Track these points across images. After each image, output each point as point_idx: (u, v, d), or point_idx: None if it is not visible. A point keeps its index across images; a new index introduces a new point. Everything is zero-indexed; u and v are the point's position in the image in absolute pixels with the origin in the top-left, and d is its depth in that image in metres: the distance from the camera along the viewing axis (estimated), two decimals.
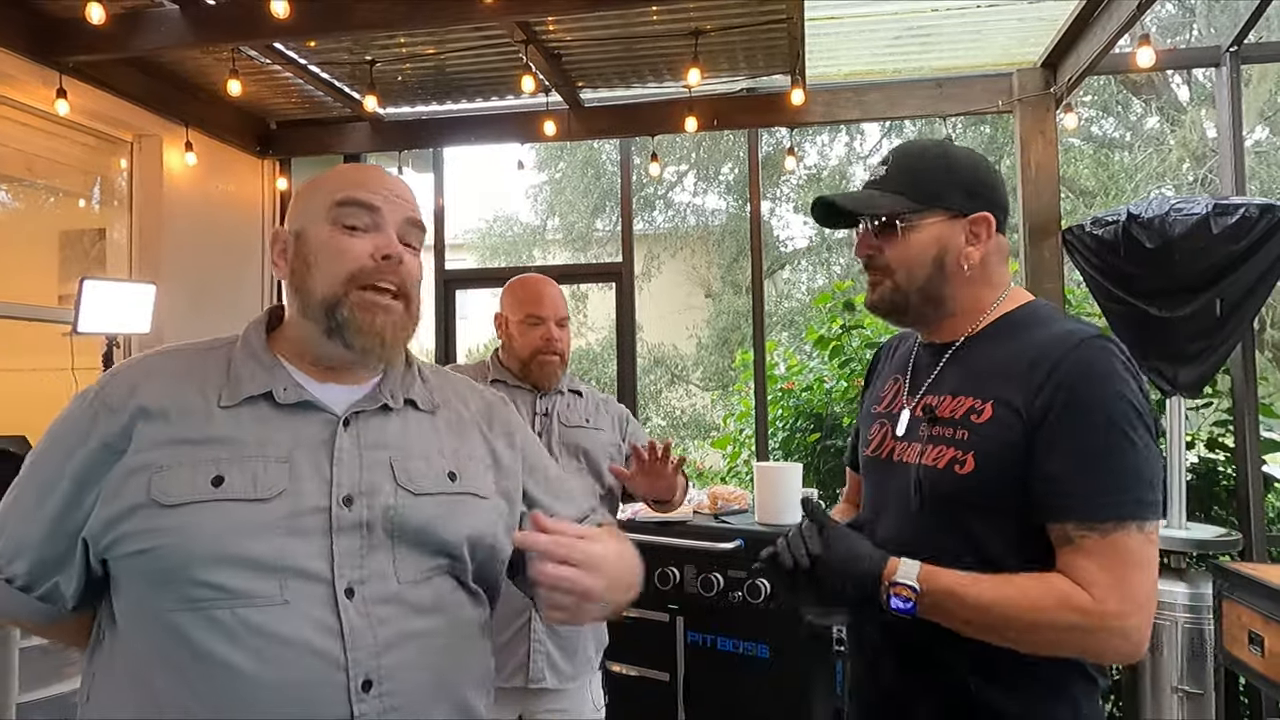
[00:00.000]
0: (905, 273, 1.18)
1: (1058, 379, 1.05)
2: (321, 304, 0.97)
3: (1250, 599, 2.31)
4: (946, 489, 1.11)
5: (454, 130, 4.00)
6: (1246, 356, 3.22)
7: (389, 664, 0.89)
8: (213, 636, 0.85)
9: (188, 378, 0.96)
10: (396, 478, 0.97)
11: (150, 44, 2.99)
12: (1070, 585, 1.01)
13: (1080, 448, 1.03)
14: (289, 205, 1.07)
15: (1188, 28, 7.37)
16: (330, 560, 0.89)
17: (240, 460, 0.90)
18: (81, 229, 4.04)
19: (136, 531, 0.87)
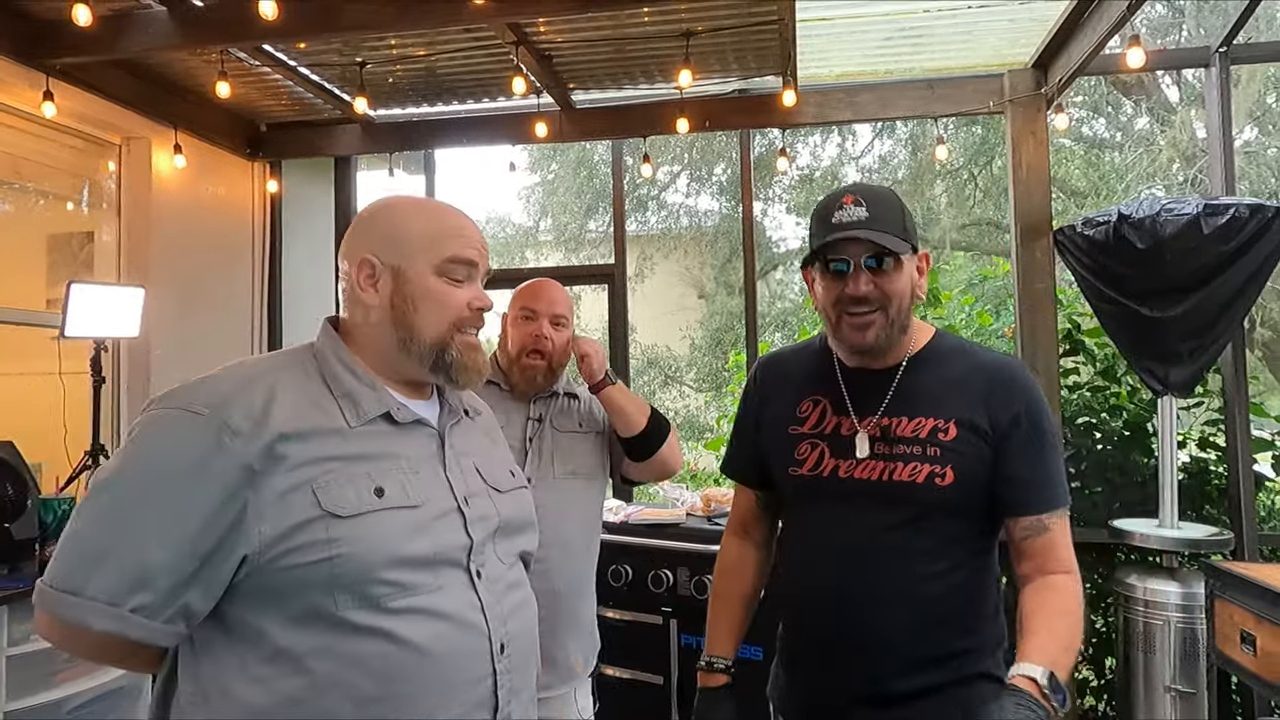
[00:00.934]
0: (896, 307, 1.31)
1: (1010, 399, 1.29)
2: (432, 345, 1.10)
3: (1243, 598, 2.31)
4: (929, 499, 1.28)
5: (445, 132, 3.98)
6: (1237, 356, 3.23)
7: (511, 629, 1.08)
8: (390, 621, 0.98)
9: (303, 400, 1.03)
10: (485, 480, 1.15)
11: (138, 46, 2.97)
12: (1061, 579, 1.27)
13: (1038, 453, 1.29)
14: (362, 227, 1.13)
15: (1177, 28, 7.40)
16: (466, 550, 1.06)
17: (387, 473, 1.03)
18: (70, 232, 4.01)
19: (314, 542, 0.96)
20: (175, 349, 3.57)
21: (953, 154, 7.62)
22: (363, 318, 1.11)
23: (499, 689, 1.05)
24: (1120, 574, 3.09)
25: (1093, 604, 3.56)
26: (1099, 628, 3.56)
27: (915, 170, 9.47)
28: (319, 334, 1.13)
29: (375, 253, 1.10)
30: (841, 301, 1.30)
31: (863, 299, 1.29)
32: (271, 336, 4.18)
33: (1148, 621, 2.92)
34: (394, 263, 1.09)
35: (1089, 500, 3.50)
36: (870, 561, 1.30)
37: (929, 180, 9.39)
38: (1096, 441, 3.56)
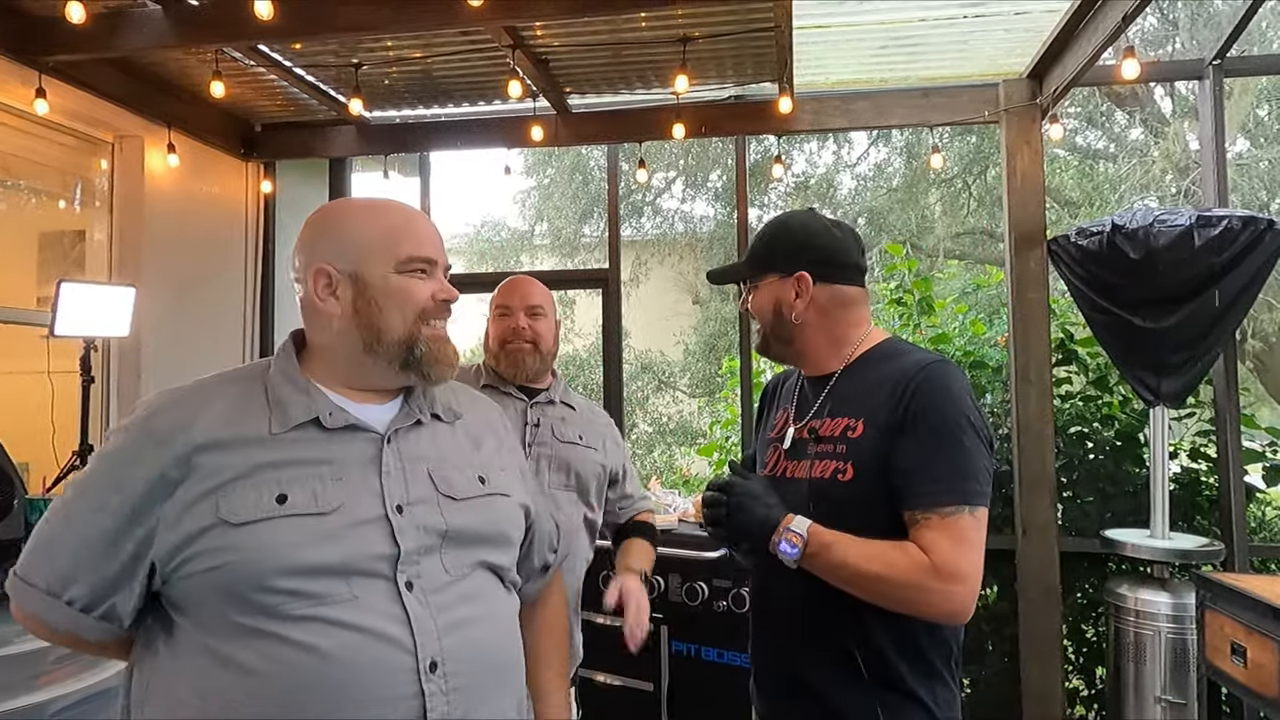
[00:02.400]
0: (760, 321, 1.50)
1: (909, 395, 1.31)
2: (400, 342, 1.08)
3: (1233, 610, 2.31)
4: (834, 495, 1.34)
5: (441, 135, 3.97)
6: (1229, 367, 3.24)
7: (450, 647, 1.01)
8: (293, 629, 0.95)
9: (234, 409, 1.04)
10: (437, 486, 1.09)
11: (132, 44, 2.95)
12: (918, 552, 1.25)
13: (925, 450, 1.28)
14: (311, 239, 1.13)
15: (1170, 40, 7.45)
16: (390, 560, 1.01)
17: (298, 480, 1.01)
18: (61, 230, 3.99)
19: (208, 550, 0.96)
20: (166, 349, 3.55)
21: (947, 163, 7.64)
22: (324, 327, 1.10)
23: (429, 712, 0.98)
24: (1111, 584, 3.09)
25: (1083, 613, 3.56)
26: (1089, 637, 3.56)
27: (910, 178, 9.50)
28: (277, 348, 1.14)
29: (330, 262, 1.09)
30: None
31: (745, 312, 1.53)
32: (264, 338, 4.16)
33: (1138, 632, 2.92)
34: (351, 269, 1.09)
35: (1080, 510, 3.50)
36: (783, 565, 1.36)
37: (923, 189, 9.42)
38: (1088, 451, 3.56)
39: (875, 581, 1.26)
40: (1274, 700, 2.10)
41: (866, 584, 1.26)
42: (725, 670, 2.79)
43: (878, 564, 1.25)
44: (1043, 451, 3.27)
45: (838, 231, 1.48)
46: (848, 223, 1.58)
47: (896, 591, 1.25)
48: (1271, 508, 3.73)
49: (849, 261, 1.47)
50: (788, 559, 1.29)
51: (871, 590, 1.27)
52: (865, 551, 1.27)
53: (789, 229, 1.49)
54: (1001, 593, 3.57)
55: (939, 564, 1.22)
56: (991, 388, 3.72)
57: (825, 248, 1.46)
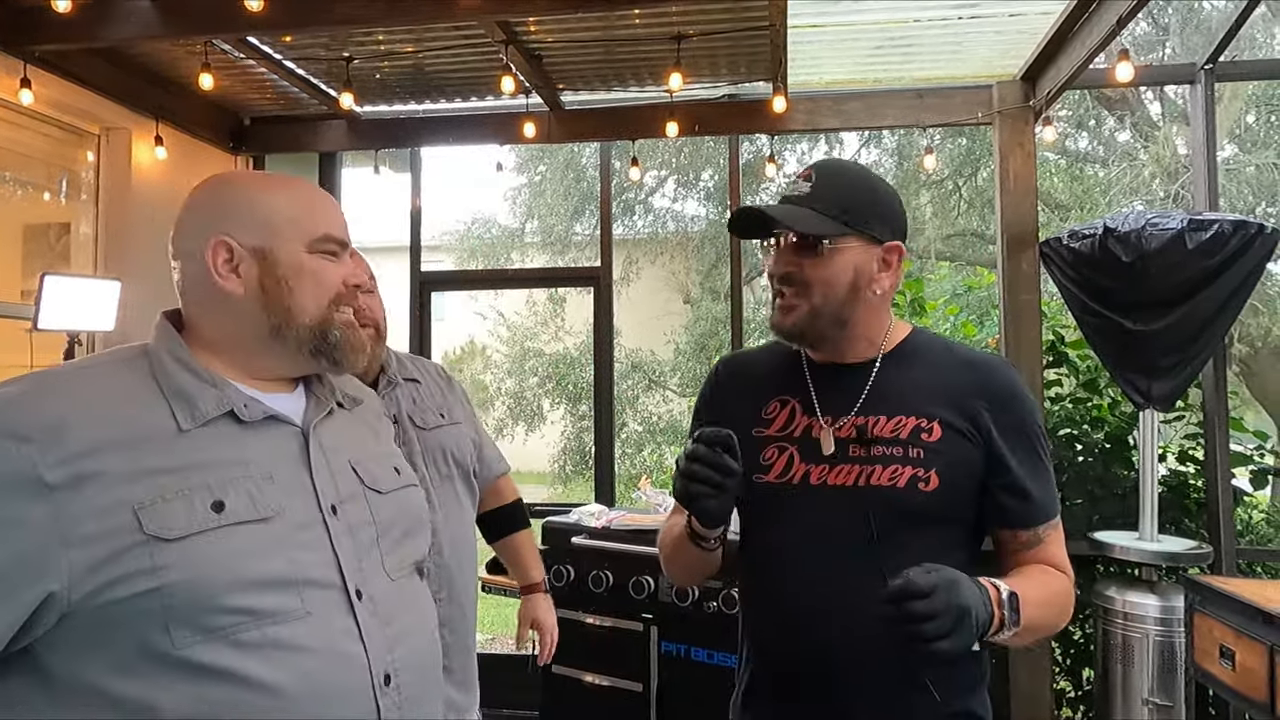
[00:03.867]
0: (822, 294, 1.19)
1: (991, 401, 1.19)
2: (312, 326, 0.98)
3: (1223, 613, 2.32)
4: (912, 505, 1.16)
5: (432, 130, 3.94)
6: (1218, 371, 3.26)
7: (399, 656, 0.96)
8: (240, 659, 0.84)
9: (123, 402, 0.89)
10: (363, 480, 1.01)
11: (119, 34, 2.91)
12: (1055, 570, 1.21)
13: (1035, 462, 1.21)
14: (207, 210, 0.99)
15: (1161, 45, 7.49)
16: (337, 567, 0.93)
17: (230, 483, 0.89)
18: (46, 223, 3.93)
19: (138, 571, 0.82)
20: None
21: (938, 164, 7.66)
22: (218, 309, 0.97)
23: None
24: (1100, 586, 3.10)
25: (1072, 615, 3.57)
26: (1077, 639, 3.57)
27: (901, 180, 9.52)
28: (154, 331, 0.98)
29: (231, 234, 0.96)
30: (771, 279, 1.23)
31: (785, 277, 1.20)
32: None
33: (1126, 634, 2.93)
34: (258, 244, 0.97)
35: (1069, 512, 3.51)
36: (842, 583, 1.15)
37: (914, 190, 9.45)
38: (1078, 453, 3.57)
39: (1053, 619, 1.19)
40: (1263, 704, 2.10)
41: (1050, 625, 1.20)
42: (715, 671, 2.78)
43: (1057, 602, 1.19)
44: None
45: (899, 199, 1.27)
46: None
47: (1062, 616, 1.21)
48: (1259, 511, 3.76)
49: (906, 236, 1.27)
50: (1011, 636, 1.08)
51: (1050, 628, 1.21)
52: (1042, 591, 1.15)
53: (874, 185, 1.24)
54: None
55: (1070, 575, 1.23)
56: None
57: (902, 215, 1.25)
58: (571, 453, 9.29)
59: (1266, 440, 3.45)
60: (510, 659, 4.66)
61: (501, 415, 10.11)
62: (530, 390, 9.92)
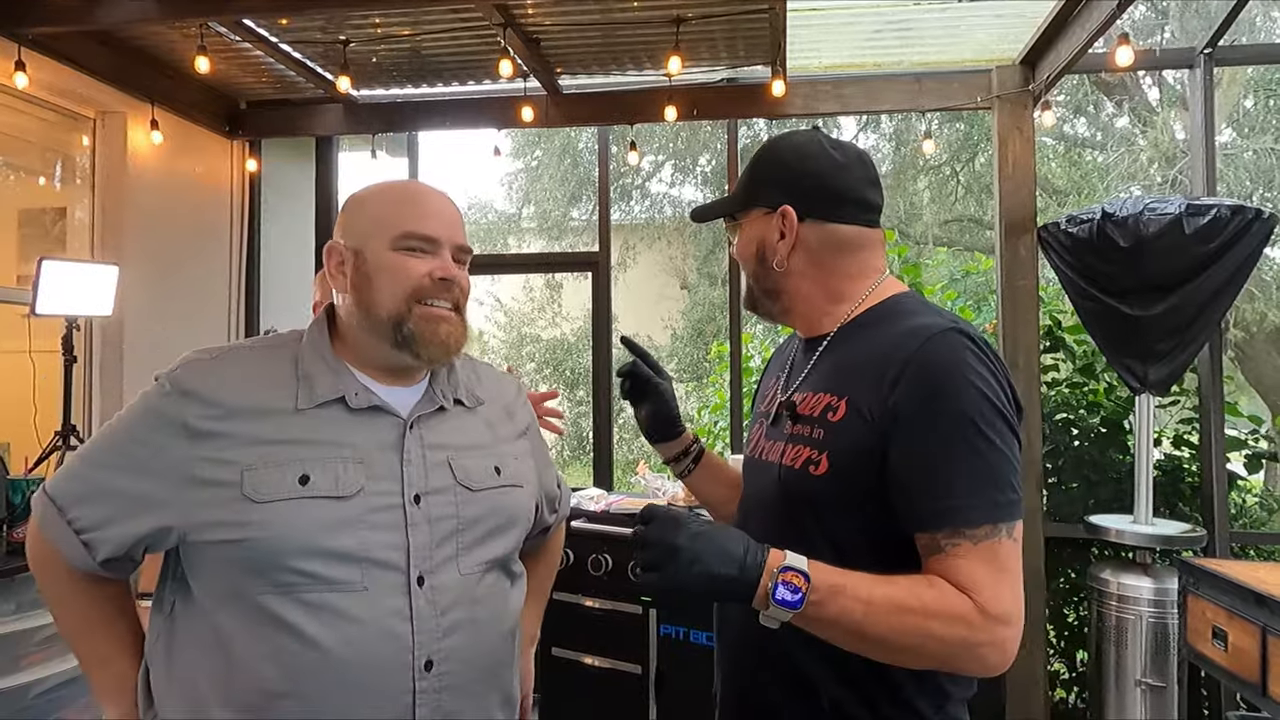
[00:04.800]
0: (744, 267, 1.23)
1: (906, 378, 0.99)
2: (389, 319, 1.06)
3: (1215, 594, 2.34)
4: (803, 490, 1.07)
5: (429, 114, 3.93)
6: (1214, 356, 3.27)
7: (448, 646, 1.02)
8: (300, 614, 0.96)
9: (261, 379, 1.05)
10: (456, 476, 1.08)
11: (114, 17, 2.89)
12: (955, 591, 0.93)
13: (937, 452, 0.97)
14: (339, 220, 1.15)
15: (1160, 30, 7.46)
16: (405, 552, 1.01)
17: (322, 461, 1.01)
18: (42, 208, 3.92)
19: (228, 522, 0.97)
20: (150, 329, 3.50)
21: (936, 149, 7.65)
22: (340, 304, 1.11)
23: (418, 708, 1.00)
24: (1094, 569, 3.13)
25: (1066, 598, 3.60)
26: (1071, 621, 3.61)
27: (898, 165, 9.50)
28: (310, 323, 1.15)
29: (342, 239, 1.11)
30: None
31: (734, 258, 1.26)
32: (248, 317, 4.12)
33: (1120, 616, 2.96)
34: (355, 245, 1.09)
35: (1065, 495, 3.53)
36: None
37: (912, 176, 9.43)
38: (1074, 438, 3.59)
39: (905, 637, 0.93)
40: (1254, 684, 2.13)
41: (891, 640, 0.93)
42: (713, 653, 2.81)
43: (912, 617, 0.92)
44: (1029, 437, 3.30)
45: (838, 155, 1.16)
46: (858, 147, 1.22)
47: (935, 648, 0.93)
48: (1252, 495, 3.79)
49: (849, 194, 1.14)
50: (783, 611, 0.92)
51: (895, 647, 0.94)
52: (886, 593, 0.93)
53: (778, 152, 1.20)
54: None
55: (985, 604, 0.92)
56: None
57: (817, 174, 1.15)
58: (569, 438, 9.30)
59: (1261, 425, 3.47)
60: None
61: None
62: (527, 376, 9.92)
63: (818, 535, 1.04)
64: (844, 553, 1.00)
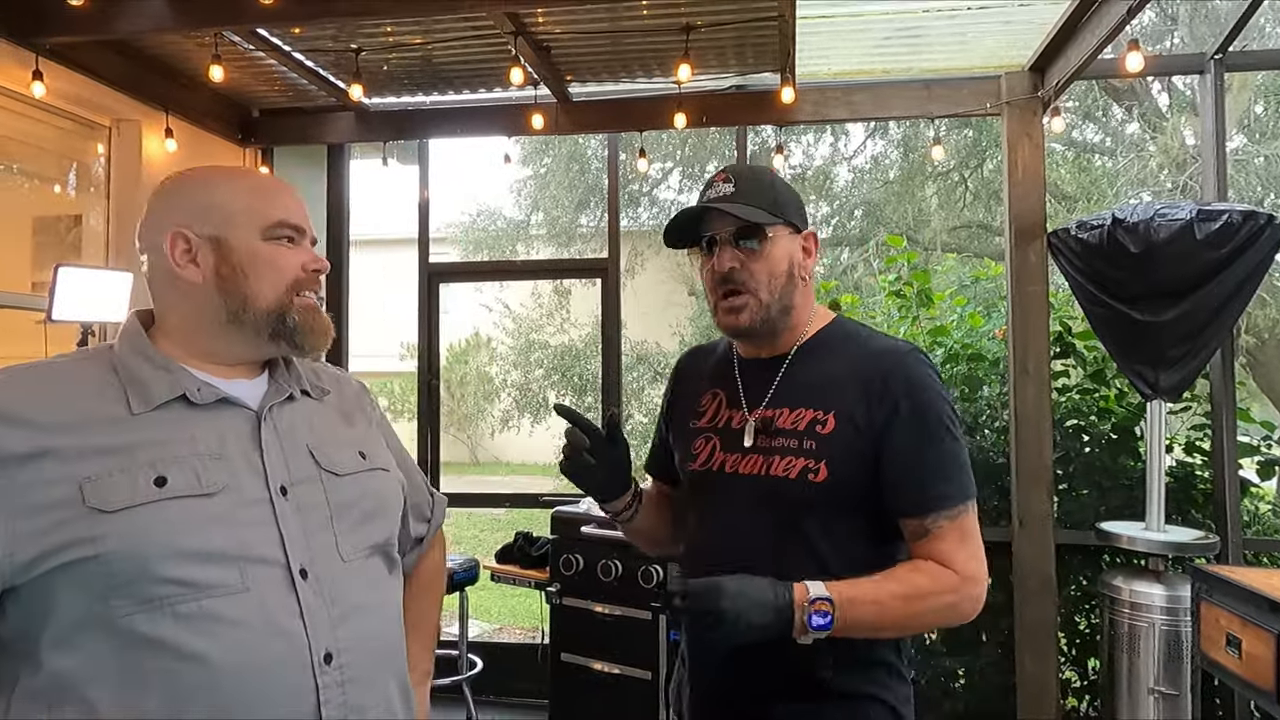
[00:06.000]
0: (768, 286, 1.25)
1: (892, 390, 1.21)
2: (270, 311, 1.02)
3: (1229, 601, 2.33)
4: (804, 496, 1.21)
5: (440, 122, 3.95)
6: (1225, 362, 3.26)
7: (343, 636, 0.96)
8: (177, 630, 0.87)
9: (79, 390, 0.95)
10: (319, 463, 1.03)
11: (130, 27, 2.93)
12: (939, 568, 1.18)
13: (919, 451, 1.20)
14: (164, 205, 1.05)
15: (1169, 35, 7.45)
16: (282, 546, 0.95)
17: (176, 460, 0.92)
18: (57, 215, 3.95)
19: (76, 540, 0.86)
20: None
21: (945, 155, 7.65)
22: (180, 299, 1.02)
23: (323, 705, 0.93)
24: (1106, 576, 3.11)
25: (1077, 605, 3.59)
26: (1083, 629, 3.59)
27: (907, 172, 9.51)
28: (121, 329, 1.05)
29: (188, 226, 1.01)
30: (714, 282, 1.28)
31: (728, 276, 1.25)
32: None
33: (1133, 623, 2.94)
34: (212, 233, 1.01)
35: (1076, 502, 3.52)
36: (744, 567, 1.18)
37: (920, 182, 9.43)
38: (1085, 444, 3.58)
39: (911, 618, 1.18)
40: (1269, 692, 2.12)
41: (901, 623, 1.19)
42: None
43: (909, 602, 1.16)
44: (1040, 444, 3.29)
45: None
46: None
47: (931, 618, 1.21)
48: (1265, 502, 3.76)
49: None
50: (819, 634, 1.11)
51: (905, 626, 1.21)
52: (890, 591, 1.16)
53: (780, 179, 1.33)
54: (996, 583, 3.57)
55: (963, 574, 1.18)
56: (989, 380, 3.73)
57: (803, 206, 1.34)
58: None
59: (1273, 431, 3.45)
60: (519, 648, 4.70)
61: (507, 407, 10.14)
62: (536, 382, 9.95)
63: (818, 534, 1.21)
64: (840, 545, 1.22)
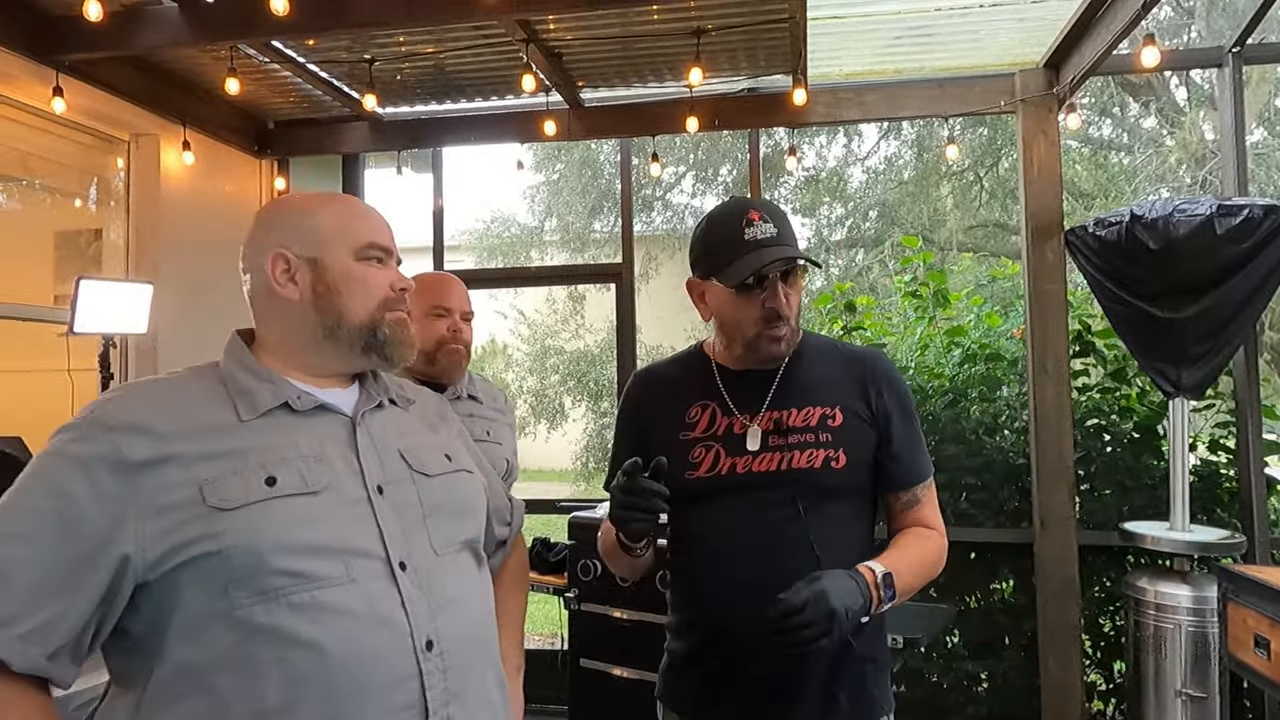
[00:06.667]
0: (797, 315, 1.41)
1: (880, 385, 1.44)
2: (362, 326, 1.10)
3: (1256, 602, 2.29)
4: (827, 482, 1.37)
5: (453, 130, 3.97)
6: (1249, 358, 3.21)
7: (442, 625, 1.02)
8: (291, 619, 0.93)
9: (192, 402, 1.03)
10: (410, 464, 1.10)
11: (148, 42, 2.96)
12: (928, 531, 1.44)
13: (909, 433, 1.45)
14: (266, 227, 1.13)
15: (1185, 30, 7.38)
16: (381, 540, 1.01)
17: (283, 462, 1.00)
18: (78, 229, 4.01)
19: (199, 537, 0.93)
20: (184, 346, 3.57)
21: (960, 154, 7.61)
22: (280, 315, 1.11)
23: (427, 690, 0.99)
24: (1130, 577, 3.07)
25: (1101, 607, 3.54)
26: (1108, 631, 3.54)
27: (921, 171, 9.46)
28: (225, 345, 1.14)
29: (288, 247, 1.10)
30: (767, 318, 1.37)
31: (779, 313, 1.36)
32: None
33: (1158, 625, 2.90)
34: (309, 254, 1.10)
35: (1099, 503, 3.48)
36: (776, 555, 1.34)
37: (935, 182, 9.38)
38: (1106, 444, 3.54)
39: (925, 577, 1.40)
40: None
41: (921, 583, 1.40)
42: None
43: (928, 561, 1.41)
44: (1060, 444, 3.25)
45: None
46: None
47: (932, 572, 1.42)
48: None
49: None
50: (885, 605, 1.30)
51: (921, 585, 1.40)
52: (915, 556, 1.39)
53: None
54: (1019, 585, 3.55)
55: (940, 531, 1.46)
56: (1008, 380, 3.70)
57: None
58: (594, 449, 9.32)
59: None
60: (538, 655, 4.70)
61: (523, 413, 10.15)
62: (552, 388, 9.96)
63: (840, 517, 1.39)
64: (847, 526, 1.40)
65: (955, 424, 3.59)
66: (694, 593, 1.46)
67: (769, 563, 1.33)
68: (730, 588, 1.37)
